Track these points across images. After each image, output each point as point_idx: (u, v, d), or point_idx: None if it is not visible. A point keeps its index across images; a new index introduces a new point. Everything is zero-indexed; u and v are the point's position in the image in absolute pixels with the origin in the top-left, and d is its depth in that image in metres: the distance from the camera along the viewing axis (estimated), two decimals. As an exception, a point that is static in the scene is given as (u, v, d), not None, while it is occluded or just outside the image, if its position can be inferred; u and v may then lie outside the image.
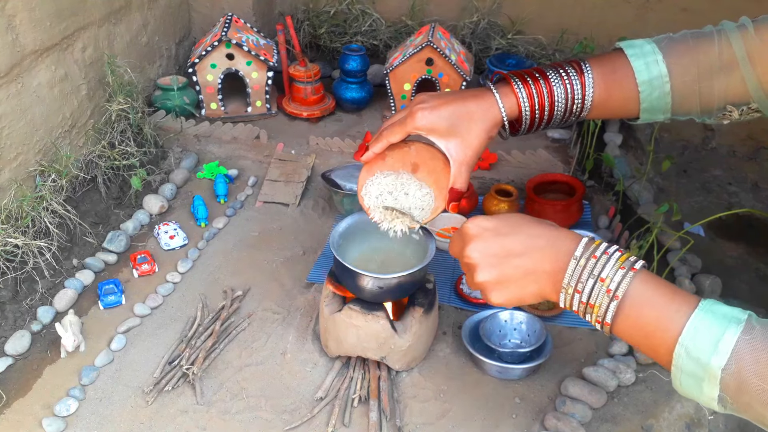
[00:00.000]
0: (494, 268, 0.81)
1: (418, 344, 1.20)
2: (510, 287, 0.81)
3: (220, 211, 1.66)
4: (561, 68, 1.01)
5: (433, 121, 1.01)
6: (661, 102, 0.98)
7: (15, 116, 1.37)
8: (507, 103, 1.01)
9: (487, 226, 0.83)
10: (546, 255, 0.79)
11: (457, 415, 1.14)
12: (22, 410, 1.14)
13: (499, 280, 0.81)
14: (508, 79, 1.02)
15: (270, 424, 1.12)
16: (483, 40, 2.19)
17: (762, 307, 1.35)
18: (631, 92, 0.98)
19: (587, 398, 1.14)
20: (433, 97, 1.04)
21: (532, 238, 0.80)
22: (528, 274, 0.80)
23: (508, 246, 0.81)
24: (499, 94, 1.01)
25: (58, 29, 1.48)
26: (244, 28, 1.93)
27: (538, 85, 1.01)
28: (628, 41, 1.00)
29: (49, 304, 1.33)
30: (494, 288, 0.82)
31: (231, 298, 1.38)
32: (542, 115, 1.02)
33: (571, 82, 1.00)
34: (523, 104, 1.01)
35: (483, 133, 1.01)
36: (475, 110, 1.01)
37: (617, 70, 0.99)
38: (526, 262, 0.80)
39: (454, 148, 1.02)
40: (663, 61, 0.96)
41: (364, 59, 1.93)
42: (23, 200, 1.36)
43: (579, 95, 1.00)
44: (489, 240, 0.82)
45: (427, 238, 1.19)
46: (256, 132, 1.85)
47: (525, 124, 1.04)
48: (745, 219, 1.61)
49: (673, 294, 0.73)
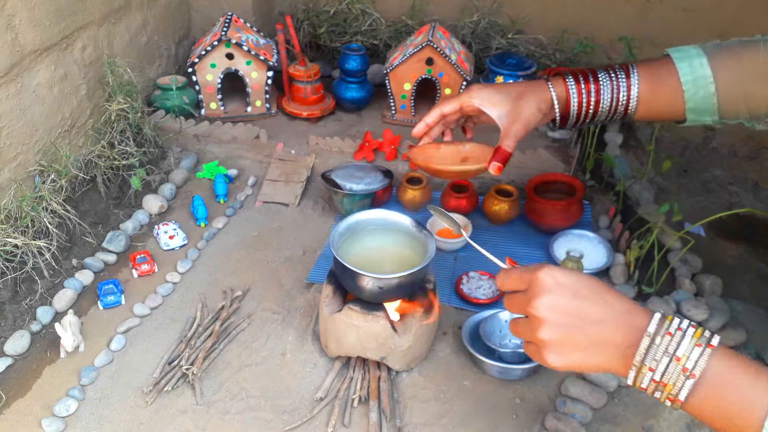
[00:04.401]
0: (563, 329, 0.74)
1: (418, 344, 1.19)
2: (574, 353, 0.75)
3: (220, 211, 1.66)
4: (612, 70, 1.11)
5: (486, 94, 1.13)
6: (707, 103, 1.03)
7: (14, 116, 1.37)
8: (558, 89, 1.12)
9: (565, 282, 0.75)
10: (619, 328, 0.73)
11: (457, 415, 1.14)
12: (21, 410, 1.14)
13: (564, 342, 0.74)
14: (562, 74, 1.13)
15: (270, 425, 1.12)
16: (483, 40, 2.19)
17: (762, 308, 1.35)
18: (675, 92, 1.04)
19: (588, 398, 1.13)
20: (492, 84, 1.16)
21: (609, 307, 0.74)
22: (597, 344, 0.74)
23: (585, 310, 0.74)
24: (551, 83, 1.12)
25: (58, 29, 1.48)
26: (244, 28, 1.93)
27: (587, 81, 1.11)
28: (675, 47, 1.07)
29: (48, 304, 1.33)
30: (556, 349, 0.75)
31: (231, 298, 1.38)
32: (588, 109, 1.11)
33: (618, 81, 1.09)
34: (572, 90, 1.11)
35: (534, 105, 1.11)
36: (527, 90, 1.12)
37: (663, 71, 1.06)
38: (598, 331, 0.74)
39: (505, 116, 1.12)
40: (707, 64, 1.02)
41: (364, 59, 1.92)
42: (23, 200, 1.36)
43: (624, 95, 1.09)
44: (565, 297, 0.75)
45: (427, 238, 1.19)
46: (256, 132, 1.85)
47: (573, 112, 1.12)
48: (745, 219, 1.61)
49: (756, 372, 0.68)
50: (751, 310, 1.34)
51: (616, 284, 1.41)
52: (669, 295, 1.31)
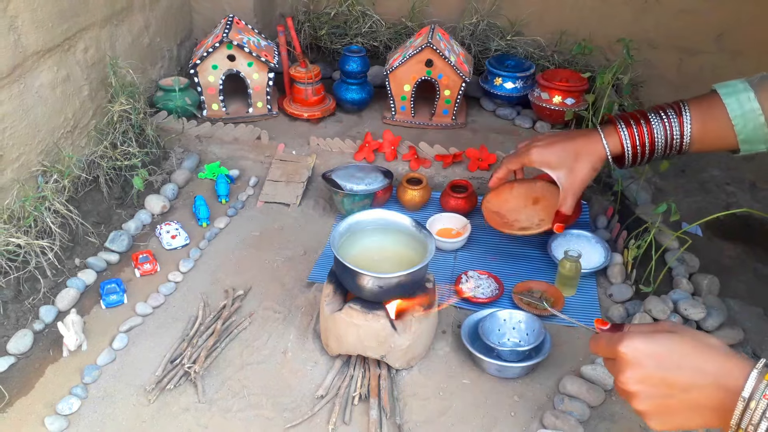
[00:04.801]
0: (654, 399, 0.75)
1: (417, 343, 1.20)
2: (673, 418, 0.76)
3: (222, 211, 1.67)
4: (662, 110, 1.20)
5: (546, 156, 1.27)
6: (759, 133, 1.11)
7: (17, 117, 1.38)
8: (611, 141, 1.22)
9: (647, 352, 0.75)
10: (712, 394, 0.73)
11: (456, 413, 1.15)
12: (24, 409, 1.15)
13: (660, 411, 0.76)
14: (614, 120, 1.23)
15: (271, 422, 1.13)
16: (482, 42, 2.20)
17: (759, 306, 1.36)
18: (726, 126, 1.12)
19: (585, 396, 1.14)
20: (548, 136, 1.29)
21: (697, 374, 0.73)
22: (693, 408, 0.74)
23: (671, 380, 0.74)
24: (604, 134, 1.23)
25: (60, 30, 1.49)
26: (245, 30, 1.94)
27: (639, 126, 1.20)
28: (721, 83, 1.14)
29: (51, 303, 1.34)
30: (656, 417, 0.76)
31: (232, 298, 1.39)
32: (644, 151, 1.21)
33: (670, 122, 1.18)
34: (626, 142, 1.21)
35: (588, 165, 1.24)
36: (582, 147, 1.24)
37: (712, 107, 1.14)
38: (690, 398, 0.74)
39: (563, 178, 1.27)
40: (755, 97, 1.10)
41: (364, 60, 1.94)
42: (26, 200, 1.37)
43: (678, 133, 1.18)
44: (649, 370, 0.74)
45: (427, 237, 1.20)
46: (257, 133, 1.86)
47: (628, 160, 1.23)
48: (742, 219, 1.62)
49: None
50: (748, 309, 1.35)
51: (614, 283, 1.42)
52: (666, 294, 1.32)
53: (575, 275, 1.37)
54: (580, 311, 1.36)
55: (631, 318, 1.30)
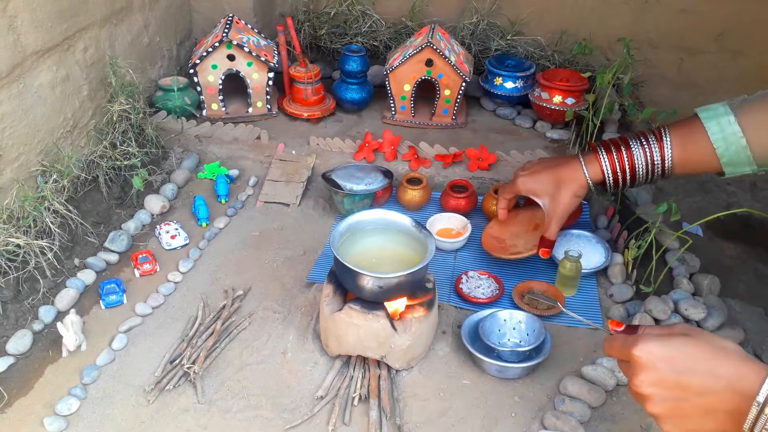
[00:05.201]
0: (668, 402, 0.76)
1: (417, 343, 1.20)
2: (687, 421, 0.76)
3: (221, 211, 1.67)
4: (643, 136, 1.22)
5: (531, 185, 1.33)
6: (741, 156, 1.12)
7: (17, 116, 1.38)
8: (591, 169, 1.26)
9: (661, 355, 0.75)
10: (726, 398, 0.73)
11: (456, 413, 1.15)
12: (23, 409, 1.15)
13: (675, 414, 0.76)
14: (595, 148, 1.27)
15: (271, 423, 1.13)
16: (482, 41, 2.20)
17: (760, 306, 1.36)
18: (708, 150, 1.13)
19: (586, 397, 1.14)
20: (533, 165, 1.35)
21: (711, 378, 0.73)
22: (707, 412, 0.74)
23: (685, 383, 0.74)
24: (584, 162, 1.27)
25: (60, 30, 1.49)
26: (245, 29, 1.94)
27: (620, 152, 1.24)
28: (703, 106, 1.15)
29: (50, 303, 1.34)
30: (669, 420, 0.77)
31: (232, 298, 1.38)
32: (624, 177, 1.25)
33: (650, 147, 1.21)
34: (606, 170, 1.25)
35: (570, 193, 1.28)
36: (564, 175, 1.28)
37: (694, 132, 1.15)
38: (705, 402, 0.74)
39: (547, 205, 1.32)
40: (735, 120, 1.10)
41: (364, 60, 1.93)
42: (25, 200, 1.36)
43: (658, 158, 1.20)
44: (663, 373, 0.75)
45: (427, 237, 1.20)
46: (257, 132, 1.85)
47: (610, 187, 1.27)
48: (743, 219, 1.62)
49: None
50: (749, 309, 1.35)
51: (614, 283, 1.42)
52: (667, 294, 1.32)
53: (576, 275, 1.37)
54: (580, 311, 1.36)
55: (631, 318, 1.30)
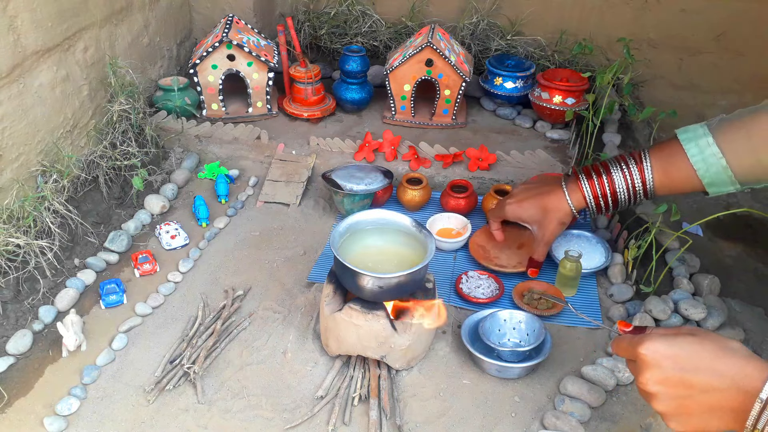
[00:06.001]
0: (673, 400, 0.77)
1: (417, 343, 1.20)
2: (692, 419, 0.78)
3: (221, 211, 1.67)
4: (623, 161, 1.24)
5: (518, 212, 1.36)
6: (722, 176, 1.12)
7: (17, 117, 1.38)
8: (574, 198, 1.29)
9: (666, 354, 0.77)
10: (731, 396, 0.74)
11: (456, 413, 1.15)
12: (23, 409, 1.15)
13: (680, 411, 0.78)
14: (576, 175, 1.29)
15: (271, 423, 1.13)
16: (482, 41, 2.20)
17: (760, 306, 1.36)
18: (688, 171, 1.14)
19: (586, 397, 1.14)
20: (520, 192, 1.38)
21: (715, 376, 0.75)
22: (711, 410, 0.76)
23: (689, 381, 0.76)
24: (567, 190, 1.29)
25: (60, 30, 1.49)
26: (245, 29, 1.94)
27: (600, 178, 1.26)
28: (683, 128, 1.15)
29: (50, 303, 1.34)
30: (674, 417, 0.78)
31: (232, 298, 1.38)
32: (606, 201, 1.27)
33: (630, 172, 1.22)
34: (588, 196, 1.28)
35: (555, 220, 1.31)
36: (549, 203, 1.31)
37: (673, 154, 1.16)
38: (709, 400, 0.75)
39: (536, 230, 1.35)
40: (713, 142, 1.11)
41: (364, 60, 1.93)
42: (25, 200, 1.37)
43: (639, 182, 1.21)
44: (668, 371, 0.77)
45: (427, 237, 1.20)
46: (257, 132, 1.85)
47: (593, 212, 1.30)
48: (743, 219, 1.62)
49: None
50: (749, 309, 1.35)
51: (614, 283, 1.42)
52: (667, 294, 1.32)
53: (576, 275, 1.37)
54: (580, 311, 1.35)
55: (631, 318, 1.30)
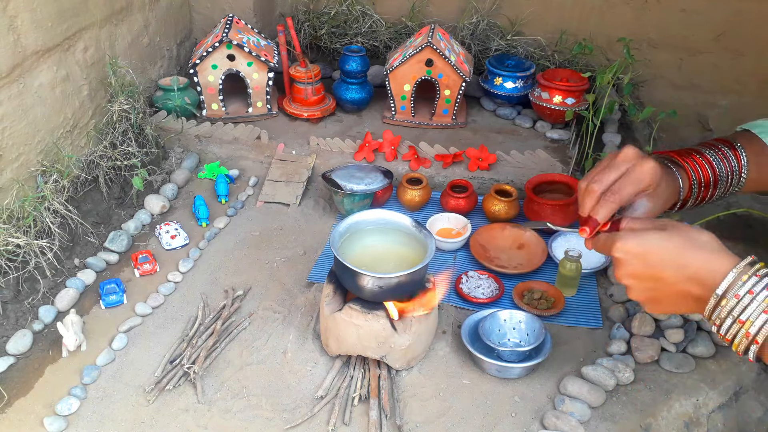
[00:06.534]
0: (645, 291, 0.87)
1: (417, 343, 1.20)
2: (663, 304, 0.87)
3: (221, 211, 1.67)
4: (712, 146, 1.09)
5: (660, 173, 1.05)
6: None
7: (16, 116, 1.38)
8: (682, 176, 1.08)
9: (635, 251, 0.85)
10: (692, 287, 0.81)
11: (456, 413, 1.15)
12: (23, 409, 1.15)
13: (651, 299, 0.87)
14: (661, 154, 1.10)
15: (271, 423, 1.13)
16: (482, 41, 2.20)
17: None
18: None
19: (586, 397, 1.14)
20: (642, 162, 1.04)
21: (679, 268, 0.82)
22: (678, 297, 0.84)
23: (657, 275, 0.84)
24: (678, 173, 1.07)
25: (60, 30, 1.49)
26: (245, 29, 1.94)
27: (696, 155, 1.08)
28: (748, 123, 1.10)
29: (50, 303, 1.34)
30: (647, 304, 0.88)
31: (232, 298, 1.38)
32: (708, 179, 1.07)
33: (724, 152, 1.08)
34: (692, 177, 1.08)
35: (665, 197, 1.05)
36: None
37: (753, 143, 1.08)
38: (675, 289, 0.83)
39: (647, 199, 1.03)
40: None
41: (364, 60, 1.93)
42: (25, 200, 1.37)
43: (735, 163, 1.08)
44: (638, 267, 0.85)
45: (427, 237, 1.20)
46: (257, 132, 1.85)
47: (694, 189, 1.08)
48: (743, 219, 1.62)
49: None
50: (749, 309, 1.35)
51: (615, 283, 1.42)
52: (667, 294, 1.32)
53: (576, 275, 1.37)
54: (580, 311, 1.36)
55: (631, 318, 1.30)
